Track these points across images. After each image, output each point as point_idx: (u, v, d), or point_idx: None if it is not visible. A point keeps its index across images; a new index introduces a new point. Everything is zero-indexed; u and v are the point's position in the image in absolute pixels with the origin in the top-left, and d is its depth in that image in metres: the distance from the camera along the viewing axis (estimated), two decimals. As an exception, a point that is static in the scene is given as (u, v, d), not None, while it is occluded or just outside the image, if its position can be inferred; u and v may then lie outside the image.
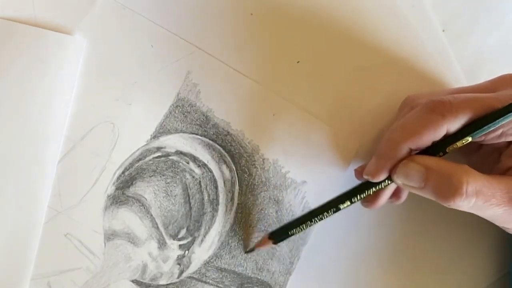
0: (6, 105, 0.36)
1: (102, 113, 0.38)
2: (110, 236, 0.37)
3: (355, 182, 0.37)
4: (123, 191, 0.38)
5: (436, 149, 0.32)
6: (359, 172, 0.37)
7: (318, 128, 0.39)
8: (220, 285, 0.38)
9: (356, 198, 0.35)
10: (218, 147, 0.38)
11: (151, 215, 0.38)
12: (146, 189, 0.38)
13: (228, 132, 0.38)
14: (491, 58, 0.40)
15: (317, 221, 0.35)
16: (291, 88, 0.39)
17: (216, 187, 0.38)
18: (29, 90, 0.37)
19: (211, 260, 0.38)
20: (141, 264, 0.37)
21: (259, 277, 0.38)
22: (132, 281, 0.37)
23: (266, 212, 0.38)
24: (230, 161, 0.38)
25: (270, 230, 0.38)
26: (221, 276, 0.38)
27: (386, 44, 0.39)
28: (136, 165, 0.38)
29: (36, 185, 0.37)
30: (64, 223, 0.37)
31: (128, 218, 0.37)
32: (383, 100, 0.39)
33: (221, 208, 0.38)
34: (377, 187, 0.34)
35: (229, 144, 0.38)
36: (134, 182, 0.38)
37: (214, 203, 0.38)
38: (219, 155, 0.38)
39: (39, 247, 0.37)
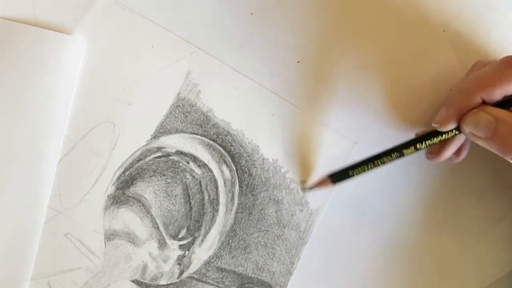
0: (6, 105, 0.36)
1: (102, 113, 0.38)
2: (110, 236, 0.37)
3: (355, 183, 0.37)
4: (123, 191, 0.38)
5: (507, 104, 0.33)
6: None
7: (318, 128, 0.39)
8: (221, 285, 0.38)
9: (421, 145, 0.35)
10: (218, 147, 0.38)
11: (151, 215, 0.38)
12: (146, 189, 0.38)
13: (228, 132, 0.38)
14: (491, 58, 0.40)
15: (379, 165, 0.35)
16: (291, 88, 0.39)
17: (216, 187, 0.38)
18: (29, 90, 0.37)
19: (212, 260, 0.38)
20: (141, 264, 0.37)
21: (260, 277, 0.38)
22: (132, 281, 0.37)
23: (266, 212, 0.38)
24: (230, 161, 0.38)
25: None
26: (221, 276, 0.38)
27: (386, 44, 0.39)
28: (137, 165, 0.38)
29: (36, 185, 0.37)
30: (64, 223, 0.37)
31: (128, 218, 0.37)
32: (384, 100, 0.39)
33: (222, 208, 0.38)
34: (444, 136, 0.34)
35: (229, 144, 0.38)
36: (134, 182, 0.38)
37: (215, 203, 0.38)
38: (219, 155, 0.38)
39: (39, 247, 0.37)
